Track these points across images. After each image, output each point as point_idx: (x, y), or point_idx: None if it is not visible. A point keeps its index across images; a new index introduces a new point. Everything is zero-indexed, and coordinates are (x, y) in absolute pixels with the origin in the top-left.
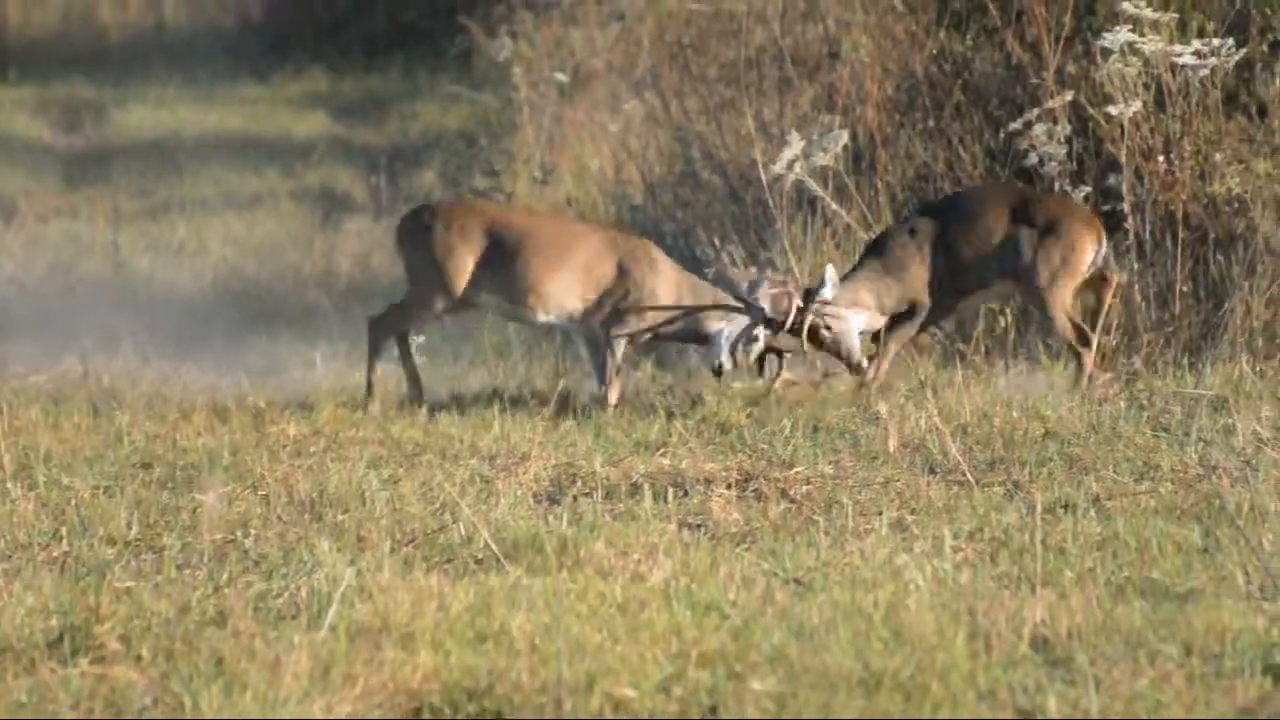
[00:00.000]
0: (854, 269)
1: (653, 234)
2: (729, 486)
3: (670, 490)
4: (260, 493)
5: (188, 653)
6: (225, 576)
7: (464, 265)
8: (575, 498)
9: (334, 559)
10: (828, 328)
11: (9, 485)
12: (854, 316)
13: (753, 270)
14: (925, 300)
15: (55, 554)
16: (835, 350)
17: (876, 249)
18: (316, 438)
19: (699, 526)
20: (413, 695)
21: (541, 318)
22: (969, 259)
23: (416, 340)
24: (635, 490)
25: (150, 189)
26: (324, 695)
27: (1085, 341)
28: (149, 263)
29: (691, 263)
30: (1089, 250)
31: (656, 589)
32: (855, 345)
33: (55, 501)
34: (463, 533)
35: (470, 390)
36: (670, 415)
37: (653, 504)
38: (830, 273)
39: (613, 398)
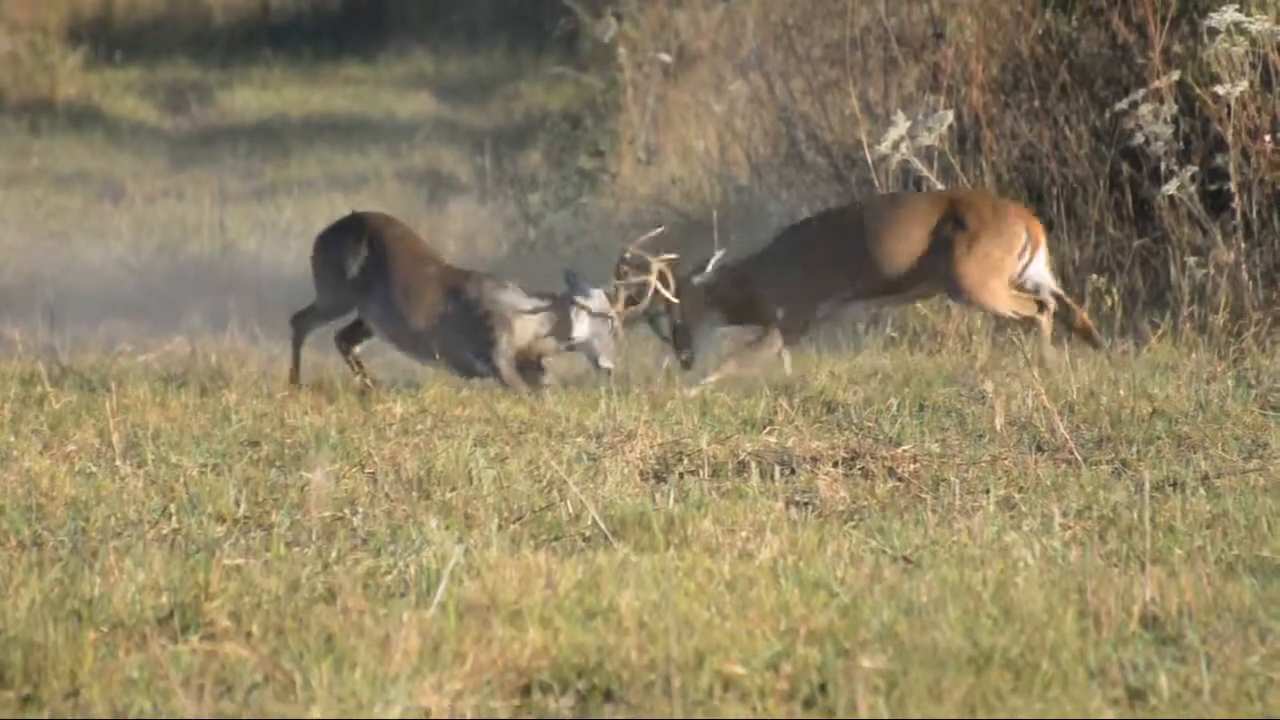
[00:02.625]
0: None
1: (758, 214)
2: (836, 465)
3: (777, 468)
4: (367, 471)
5: (297, 629)
6: (334, 554)
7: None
8: (681, 475)
9: (442, 537)
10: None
11: (118, 463)
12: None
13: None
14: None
15: (165, 531)
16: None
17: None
18: (423, 416)
19: (806, 504)
20: (522, 672)
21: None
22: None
23: None
24: (742, 468)
25: (256, 170)
26: (434, 672)
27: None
28: (255, 243)
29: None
30: (1015, 246)
31: (764, 567)
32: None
33: (164, 479)
34: (570, 510)
35: (576, 370)
36: (777, 394)
37: (760, 482)
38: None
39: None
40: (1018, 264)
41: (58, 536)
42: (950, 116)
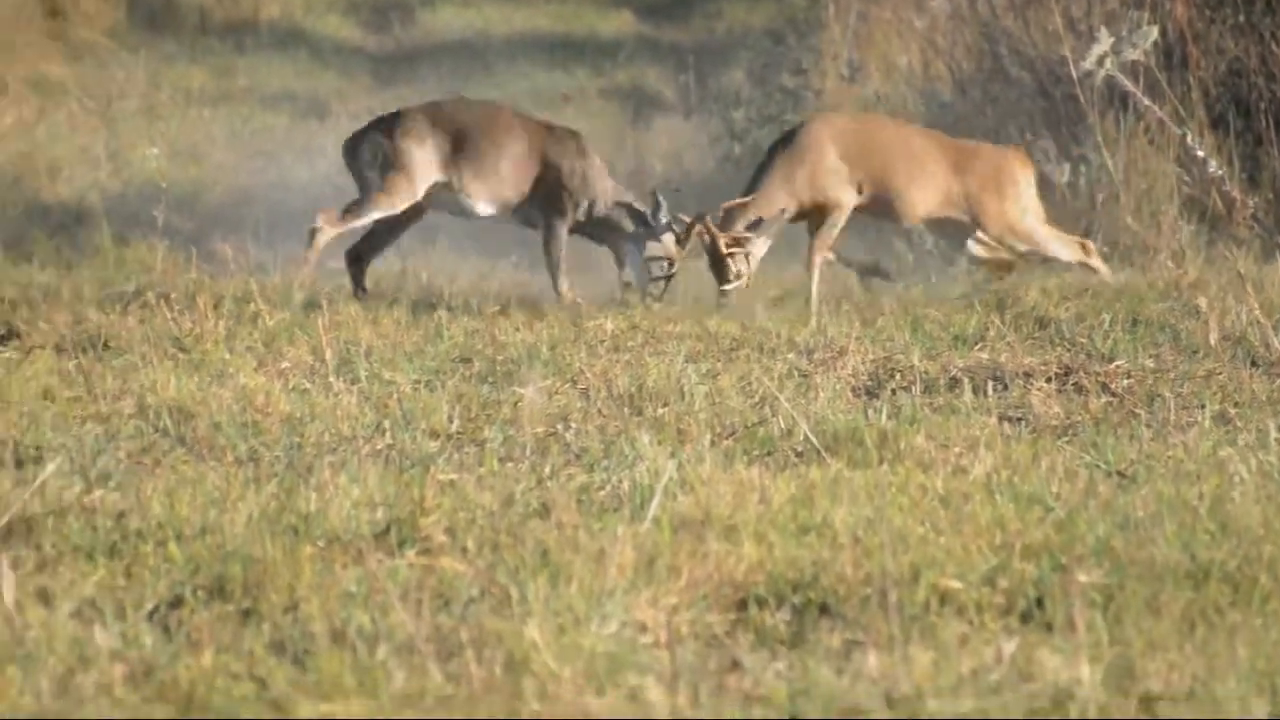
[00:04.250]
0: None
1: (963, 131)
2: (1049, 380)
3: (989, 384)
4: (579, 387)
5: (512, 545)
6: (547, 469)
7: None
8: (894, 391)
9: (655, 452)
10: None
11: (332, 379)
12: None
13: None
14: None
15: (379, 447)
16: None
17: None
18: (634, 333)
19: (1019, 420)
20: (738, 586)
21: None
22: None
23: None
24: (954, 384)
25: (459, 89)
26: (649, 586)
27: None
28: None
29: None
30: None
31: (978, 482)
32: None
33: (377, 395)
34: (782, 426)
35: (787, 286)
36: (988, 310)
37: (972, 398)
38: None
39: (563, 286)
40: None
41: (273, 452)
42: (1155, 32)
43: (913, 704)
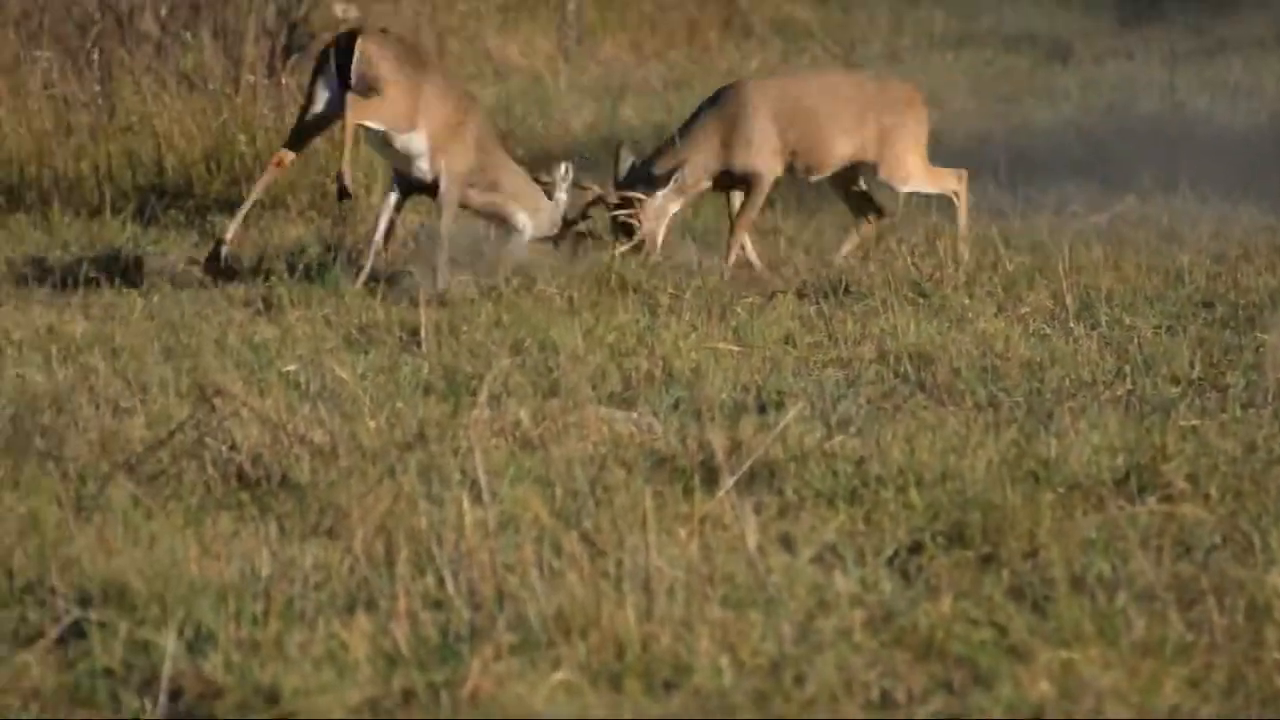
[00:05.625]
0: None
1: None
2: None
3: None
4: None
5: (1255, 492)
6: None
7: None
8: None
9: None
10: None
11: (1072, 324)
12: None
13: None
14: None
15: (1119, 393)
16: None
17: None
18: None
19: None
20: None
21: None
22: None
23: None
24: None
25: (1205, 27)
26: None
27: None
28: (1205, 103)
29: None
30: None
31: None
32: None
33: (1117, 340)
34: None
35: None
36: None
37: None
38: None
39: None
40: None
41: (1013, 398)
42: None
43: None
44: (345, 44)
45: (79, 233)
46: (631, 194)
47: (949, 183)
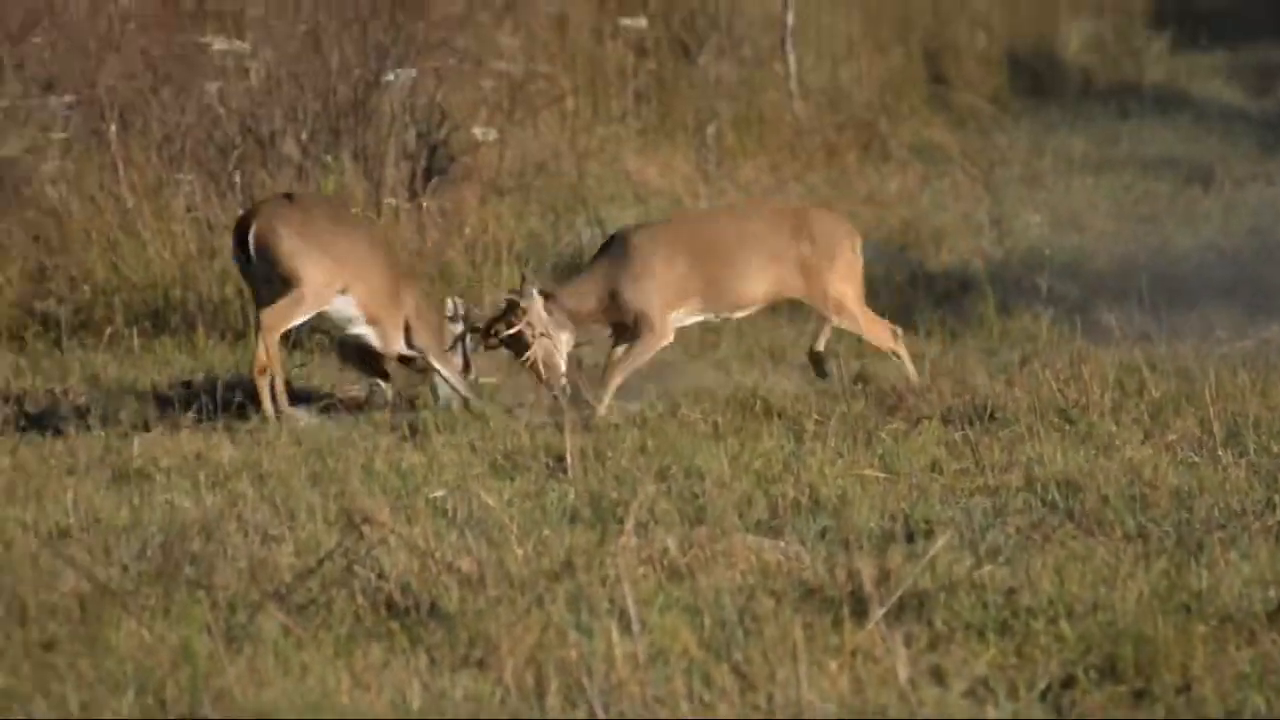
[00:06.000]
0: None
1: None
2: None
3: None
4: None
5: None
6: None
7: None
8: None
9: None
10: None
11: (1220, 452)
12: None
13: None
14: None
15: (1269, 523)
16: (537, 372)
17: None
18: None
19: None
20: None
21: None
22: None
23: None
24: None
25: None
26: None
27: None
28: None
29: None
30: None
31: None
32: (558, 367)
33: (1266, 469)
34: None
35: None
36: None
37: None
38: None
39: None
40: None
41: (1162, 527)
42: None
43: None
44: (242, 224)
45: (223, 356)
46: (510, 297)
47: (885, 337)
